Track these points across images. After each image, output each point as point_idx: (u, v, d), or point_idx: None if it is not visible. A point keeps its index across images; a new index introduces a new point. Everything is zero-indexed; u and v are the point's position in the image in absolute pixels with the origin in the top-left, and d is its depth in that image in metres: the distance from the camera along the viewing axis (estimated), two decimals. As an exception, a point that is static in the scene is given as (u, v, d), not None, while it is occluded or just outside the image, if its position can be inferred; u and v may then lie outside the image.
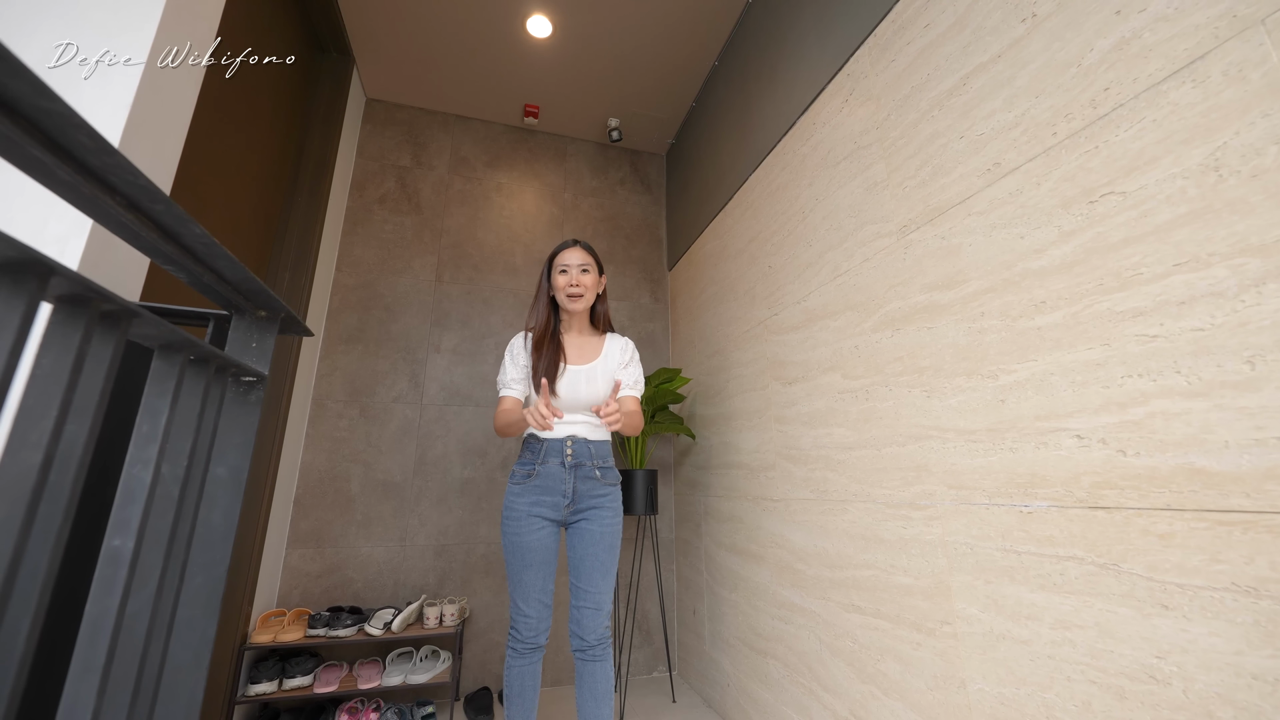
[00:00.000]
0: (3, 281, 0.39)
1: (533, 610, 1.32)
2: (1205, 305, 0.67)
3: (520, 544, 1.32)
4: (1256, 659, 0.60)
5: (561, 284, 1.44)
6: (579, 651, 1.35)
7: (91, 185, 0.44)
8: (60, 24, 0.84)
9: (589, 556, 1.35)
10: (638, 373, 1.49)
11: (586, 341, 1.49)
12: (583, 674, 1.34)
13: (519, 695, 1.32)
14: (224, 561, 0.72)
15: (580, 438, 1.40)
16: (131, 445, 0.58)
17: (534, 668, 1.34)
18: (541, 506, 1.35)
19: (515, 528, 1.33)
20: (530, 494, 1.35)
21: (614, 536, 1.38)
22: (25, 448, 0.43)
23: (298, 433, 2.05)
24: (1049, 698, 0.81)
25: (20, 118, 0.36)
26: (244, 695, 1.64)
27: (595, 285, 1.48)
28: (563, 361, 1.41)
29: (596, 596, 1.34)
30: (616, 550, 1.39)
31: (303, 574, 2.00)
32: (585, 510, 1.38)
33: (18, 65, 0.31)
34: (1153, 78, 0.74)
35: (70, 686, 0.50)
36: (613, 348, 1.48)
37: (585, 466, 1.38)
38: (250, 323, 0.79)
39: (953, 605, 0.99)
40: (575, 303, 1.44)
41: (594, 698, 1.32)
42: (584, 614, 1.34)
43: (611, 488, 1.42)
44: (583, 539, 1.37)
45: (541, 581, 1.33)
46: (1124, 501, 0.74)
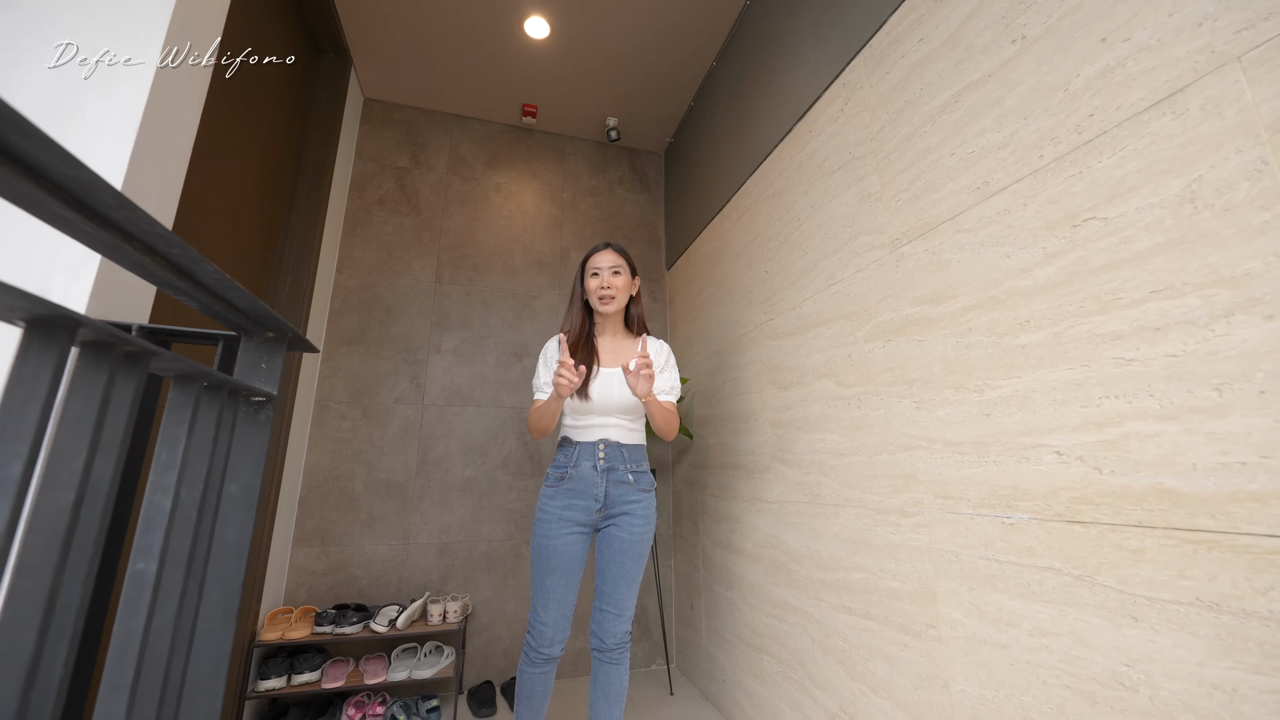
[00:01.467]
0: (36, 338, 0.42)
1: (550, 619, 1.31)
2: (1179, 332, 0.69)
3: (548, 548, 1.33)
4: (1217, 670, 0.64)
5: (593, 287, 1.45)
6: (597, 652, 1.37)
7: (112, 235, 0.46)
8: (68, 25, 0.85)
9: (615, 564, 1.36)
10: (674, 377, 1.48)
11: (620, 344, 1.49)
12: (598, 674, 1.36)
13: (528, 698, 1.34)
14: (239, 575, 0.75)
15: (613, 441, 1.40)
16: (151, 473, 0.61)
17: (546, 677, 1.34)
18: (574, 510, 1.35)
19: (545, 530, 1.34)
20: (562, 497, 1.35)
21: (643, 545, 1.37)
22: (58, 487, 0.46)
23: (301, 434, 2.08)
24: (1026, 700, 0.85)
25: (49, 183, 0.39)
26: (254, 691, 1.69)
27: (627, 287, 1.48)
28: (596, 364, 1.42)
29: (620, 604, 1.35)
30: (644, 559, 1.38)
31: (309, 572, 2.05)
32: (616, 516, 1.38)
33: (47, 140, 0.34)
34: (1135, 107, 0.76)
35: (101, 704, 0.53)
36: (649, 351, 1.45)
37: (618, 470, 1.38)
38: (259, 344, 0.81)
39: (938, 609, 1.03)
40: (607, 305, 1.45)
41: (607, 699, 1.35)
42: (606, 618, 1.35)
43: (645, 494, 1.40)
44: (611, 545, 1.37)
45: (563, 589, 1.32)
46: (1099, 517, 0.77)
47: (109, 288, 0.81)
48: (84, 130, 0.81)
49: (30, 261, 0.76)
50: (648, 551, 1.39)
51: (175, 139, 0.95)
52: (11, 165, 0.33)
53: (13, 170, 0.34)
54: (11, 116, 0.30)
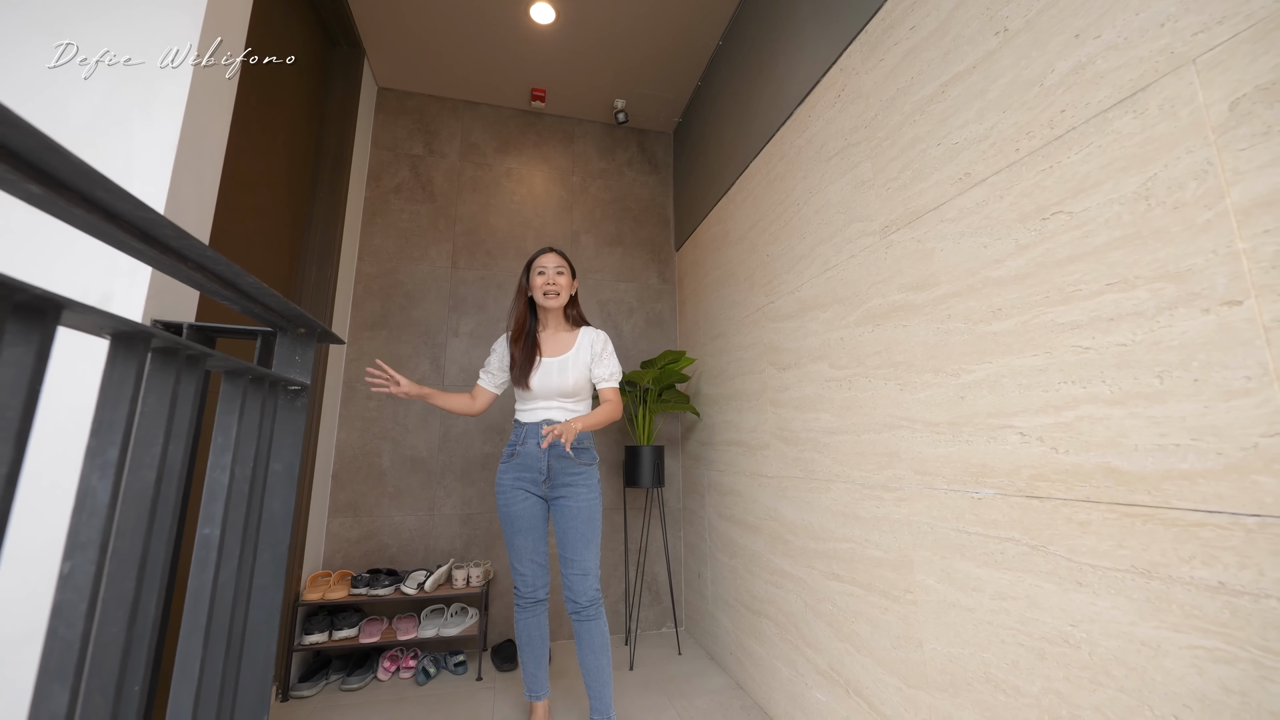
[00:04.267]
0: (120, 348, 0.52)
1: (527, 569, 1.53)
2: (1129, 323, 0.74)
3: (510, 513, 1.53)
4: (1145, 629, 0.71)
5: (539, 284, 1.59)
6: (574, 613, 1.52)
7: (171, 258, 0.56)
8: (99, 28, 0.93)
9: (570, 529, 1.51)
10: (613, 365, 1.61)
11: (560, 337, 1.63)
12: (580, 632, 1.51)
13: (529, 644, 1.55)
14: (285, 540, 0.87)
15: (554, 420, 1.55)
16: (210, 454, 0.72)
17: (539, 620, 1.55)
18: (523, 482, 1.54)
19: (504, 499, 1.54)
20: (513, 470, 1.54)
21: (592, 510, 1.53)
22: (142, 468, 0.57)
23: (332, 414, 2.23)
24: (987, 657, 0.94)
25: (125, 223, 0.48)
26: (300, 644, 1.88)
27: (569, 286, 1.63)
28: (538, 356, 1.58)
29: (582, 564, 1.51)
30: (596, 522, 1.53)
31: (343, 540, 2.22)
32: (562, 487, 1.53)
33: (123, 193, 0.43)
34: (1102, 104, 0.79)
35: (183, 642, 0.65)
36: (584, 341, 1.61)
37: (558, 446, 1.53)
38: (292, 339, 0.92)
39: (914, 576, 1.11)
40: (551, 300, 1.58)
41: (592, 651, 1.50)
42: (573, 579, 1.51)
43: (587, 466, 1.56)
44: (563, 514, 1.52)
45: (532, 545, 1.53)
46: (1054, 493, 0.83)
47: (162, 291, 0.91)
48: (131, 149, 0.90)
49: (94, 271, 0.87)
50: (598, 516, 1.54)
51: (209, 149, 1.04)
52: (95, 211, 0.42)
53: (97, 215, 0.43)
54: (98, 178, 0.39)
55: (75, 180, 0.39)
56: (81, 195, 0.41)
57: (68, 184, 0.39)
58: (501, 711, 1.75)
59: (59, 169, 0.37)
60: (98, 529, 0.48)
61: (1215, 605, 0.64)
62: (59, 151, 0.35)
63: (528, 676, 1.58)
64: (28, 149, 0.34)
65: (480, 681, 1.97)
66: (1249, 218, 0.62)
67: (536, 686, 1.57)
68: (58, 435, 0.78)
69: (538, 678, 1.57)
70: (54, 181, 0.38)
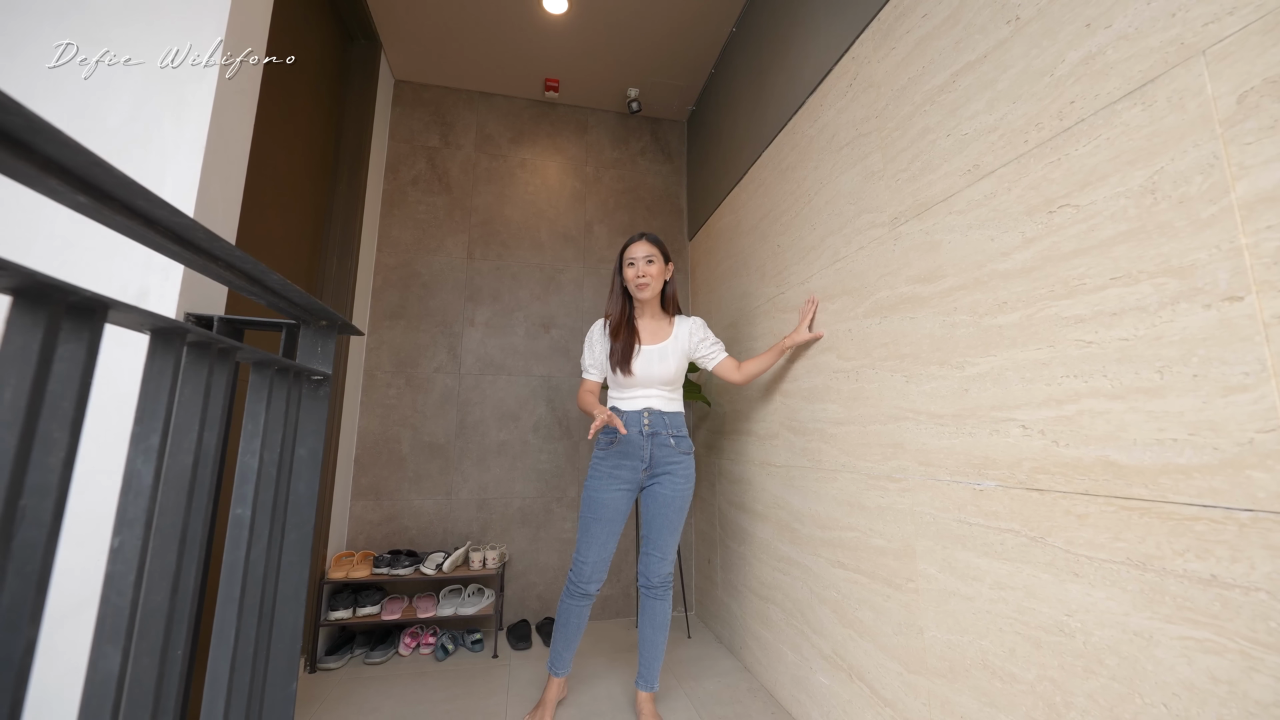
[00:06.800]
0: (159, 343, 0.56)
1: (590, 559, 1.51)
2: (1132, 318, 0.74)
3: (597, 498, 1.52)
4: (1139, 619, 0.72)
5: (630, 276, 1.60)
6: (645, 589, 1.60)
7: (203, 258, 0.60)
8: (127, 30, 0.98)
9: (659, 516, 1.56)
10: (717, 344, 1.68)
11: (658, 325, 1.66)
12: (645, 608, 1.60)
13: (565, 626, 1.57)
14: (310, 520, 0.93)
15: (655, 409, 1.58)
16: (241, 440, 0.77)
17: (581, 609, 1.56)
18: (623, 469, 1.54)
19: (595, 484, 1.54)
20: (613, 458, 1.54)
21: (684, 499, 1.57)
22: (181, 453, 0.62)
23: (354, 401, 2.30)
24: (984, 645, 0.95)
25: (164, 228, 0.52)
26: (325, 620, 1.97)
27: (661, 274, 1.62)
28: (637, 343, 1.60)
29: (663, 549, 1.58)
30: (685, 512, 1.59)
31: (365, 522, 2.31)
32: (659, 475, 1.56)
33: (159, 200, 0.46)
34: (1111, 95, 0.78)
35: (219, 612, 0.71)
36: (681, 329, 1.65)
37: (660, 435, 1.56)
38: (315, 331, 0.96)
39: (916, 565, 1.12)
40: (643, 291, 1.59)
41: (653, 626, 1.59)
42: (651, 560, 1.59)
43: (685, 455, 1.59)
44: (656, 500, 1.57)
45: (605, 536, 1.52)
46: (1054, 485, 0.84)
47: (194, 286, 0.96)
48: (164, 152, 0.95)
49: (131, 266, 0.93)
50: (688, 506, 1.59)
51: (234, 149, 1.09)
52: (135, 218, 0.46)
53: (137, 221, 0.47)
54: (138, 188, 0.43)
55: (118, 190, 0.42)
56: (123, 204, 0.44)
57: (112, 194, 0.43)
58: (517, 686, 1.82)
59: (104, 181, 0.41)
60: (143, 508, 0.53)
61: (1207, 597, 0.64)
62: (104, 166, 0.39)
63: (555, 653, 1.61)
64: (77, 165, 0.38)
65: (496, 659, 2.05)
66: (1252, 213, 0.61)
67: (560, 664, 1.61)
68: (98, 420, 0.84)
69: (564, 657, 1.60)
70: (99, 192, 0.42)
